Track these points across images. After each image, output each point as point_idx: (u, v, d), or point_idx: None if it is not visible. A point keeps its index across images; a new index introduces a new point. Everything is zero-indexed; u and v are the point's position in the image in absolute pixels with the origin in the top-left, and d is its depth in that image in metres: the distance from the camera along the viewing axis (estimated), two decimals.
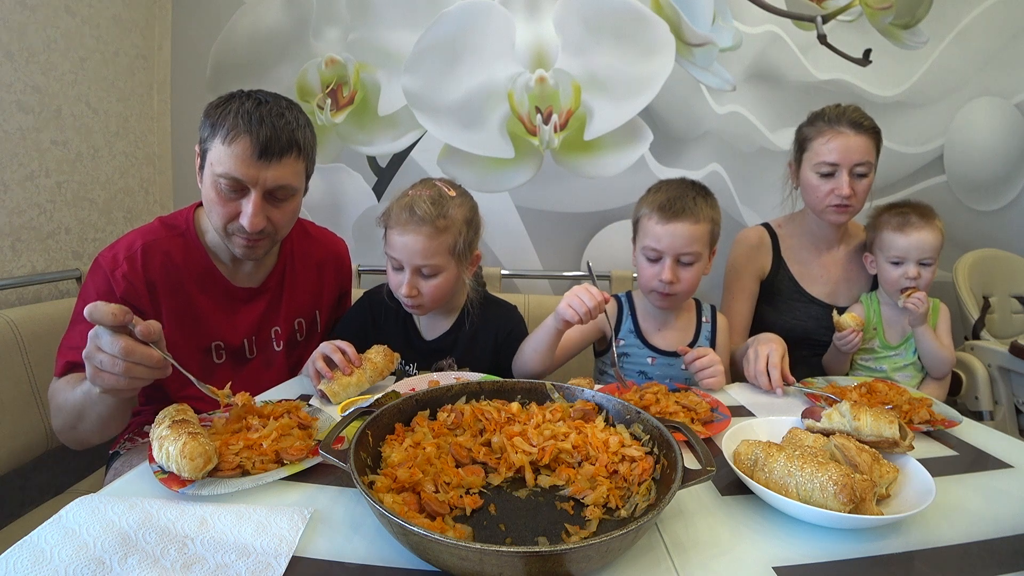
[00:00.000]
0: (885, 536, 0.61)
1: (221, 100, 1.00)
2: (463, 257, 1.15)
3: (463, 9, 1.91)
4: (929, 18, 1.91)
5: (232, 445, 0.72)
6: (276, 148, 0.97)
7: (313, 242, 1.27)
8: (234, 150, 0.95)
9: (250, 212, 0.98)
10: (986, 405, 1.52)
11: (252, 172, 0.97)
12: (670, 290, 1.16)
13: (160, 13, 2.01)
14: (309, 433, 0.79)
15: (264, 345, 1.17)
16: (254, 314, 1.15)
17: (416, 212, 1.08)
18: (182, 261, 1.06)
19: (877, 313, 1.36)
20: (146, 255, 1.03)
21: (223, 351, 1.12)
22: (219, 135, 0.96)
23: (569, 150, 1.97)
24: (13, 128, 1.48)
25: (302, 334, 1.23)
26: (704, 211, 1.15)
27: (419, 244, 1.09)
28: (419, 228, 1.08)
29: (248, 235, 1.01)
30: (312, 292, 1.25)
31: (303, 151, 1.04)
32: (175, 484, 0.65)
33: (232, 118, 0.96)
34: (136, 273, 1.01)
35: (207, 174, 0.99)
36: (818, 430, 0.80)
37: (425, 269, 1.11)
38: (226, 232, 1.03)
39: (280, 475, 0.69)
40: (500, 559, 0.49)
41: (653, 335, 1.27)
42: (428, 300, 1.14)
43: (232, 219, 1.00)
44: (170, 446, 0.67)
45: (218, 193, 0.99)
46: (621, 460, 0.69)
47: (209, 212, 1.02)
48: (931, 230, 1.28)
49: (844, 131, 1.29)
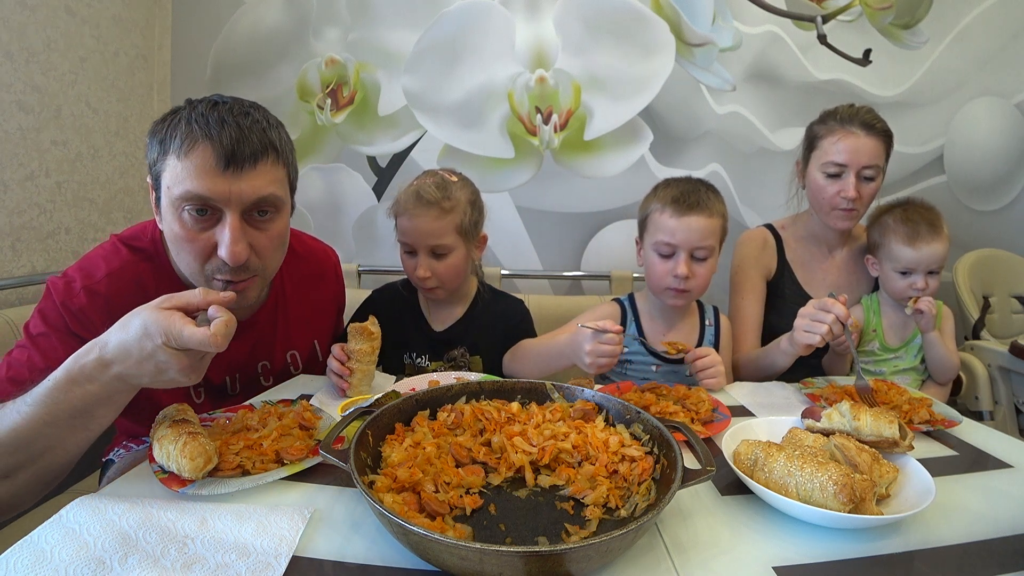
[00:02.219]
0: (885, 536, 0.61)
1: (167, 114, 0.82)
2: (470, 236, 1.20)
3: (463, 9, 1.91)
4: (929, 18, 1.91)
5: (232, 445, 0.72)
6: (247, 152, 0.79)
7: (304, 263, 1.12)
8: (193, 162, 0.77)
9: (228, 240, 0.79)
10: (986, 405, 1.52)
11: (222, 187, 0.78)
12: (685, 286, 1.14)
13: (160, 13, 2.01)
14: (310, 433, 0.79)
15: (249, 382, 1.03)
16: (240, 351, 0.98)
17: (423, 196, 1.14)
18: (154, 289, 0.87)
19: (877, 315, 1.36)
20: (111, 286, 0.87)
21: (202, 391, 0.98)
22: (171, 150, 0.78)
23: (569, 150, 1.97)
24: (13, 128, 1.49)
25: (296, 367, 1.10)
26: (716, 205, 1.15)
27: (428, 224, 1.15)
28: (427, 210, 1.14)
29: (232, 275, 0.83)
30: (308, 322, 1.12)
31: (281, 154, 0.85)
32: (175, 484, 0.65)
33: (184, 126, 0.78)
34: (97, 308, 0.85)
35: (165, 205, 0.81)
36: (818, 430, 0.80)
37: (437, 249, 1.17)
38: (204, 277, 0.84)
39: (280, 475, 0.69)
40: (500, 559, 0.49)
41: (657, 341, 1.24)
42: (443, 280, 1.19)
43: (207, 257, 0.81)
44: (170, 446, 0.67)
45: (183, 225, 0.80)
46: (621, 460, 0.69)
47: (178, 255, 0.84)
48: (940, 241, 1.26)
49: (855, 131, 1.26)
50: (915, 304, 1.24)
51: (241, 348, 0.98)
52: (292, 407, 0.85)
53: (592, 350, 0.99)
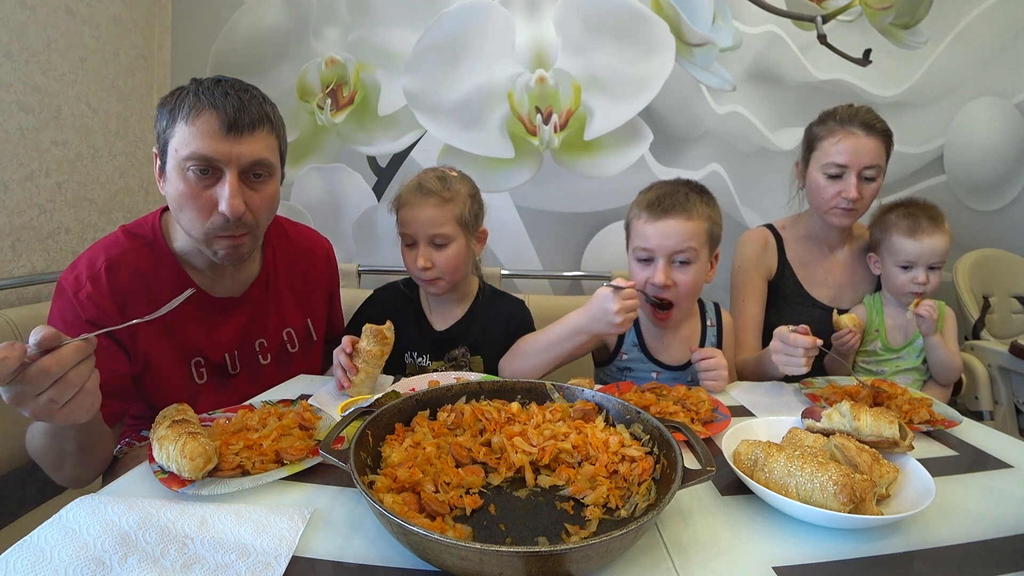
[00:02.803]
0: (885, 536, 0.61)
1: (174, 90, 0.94)
2: (470, 228, 1.21)
3: (463, 9, 1.91)
4: (929, 18, 1.91)
5: (232, 445, 0.72)
6: (246, 120, 0.90)
7: (295, 246, 1.20)
8: (200, 127, 0.88)
9: (227, 194, 0.90)
10: (986, 405, 1.52)
11: (224, 148, 0.89)
12: (667, 295, 1.10)
13: (160, 13, 2.01)
14: (310, 433, 0.79)
15: (249, 360, 1.09)
16: (235, 326, 1.07)
17: (424, 187, 1.18)
18: (152, 272, 0.98)
19: (880, 315, 1.36)
20: (111, 271, 0.94)
21: (204, 369, 1.04)
22: (180, 118, 0.90)
23: (569, 150, 1.97)
24: (13, 128, 1.48)
25: (294, 346, 1.16)
26: (698, 208, 1.09)
27: (428, 214, 1.17)
28: (427, 200, 1.17)
29: (231, 231, 0.93)
30: (300, 301, 1.18)
31: (275, 126, 0.98)
32: (175, 484, 0.65)
33: (192, 97, 0.90)
34: (102, 293, 0.93)
35: (172, 165, 0.91)
36: (818, 430, 0.80)
37: (437, 239, 1.18)
38: (205, 236, 0.94)
39: (280, 475, 0.69)
40: (500, 559, 0.49)
41: (657, 347, 1.22)
42: (444, 271, 1.19)
43: (209, 213, 0.92)
44: (170, 446, 0.67)
45: (187, 183, 0.90)
46: (621, 460, 0.69)
47: (180, 212, 0.93)
48: (941, 234, 1.26)
49: (855, 132, 1.26)
50: (916, 308, 1.24)
51: (237, 323, 1.07)
52: (292, 407, 0.85)
53: (622, 307, 1.01)
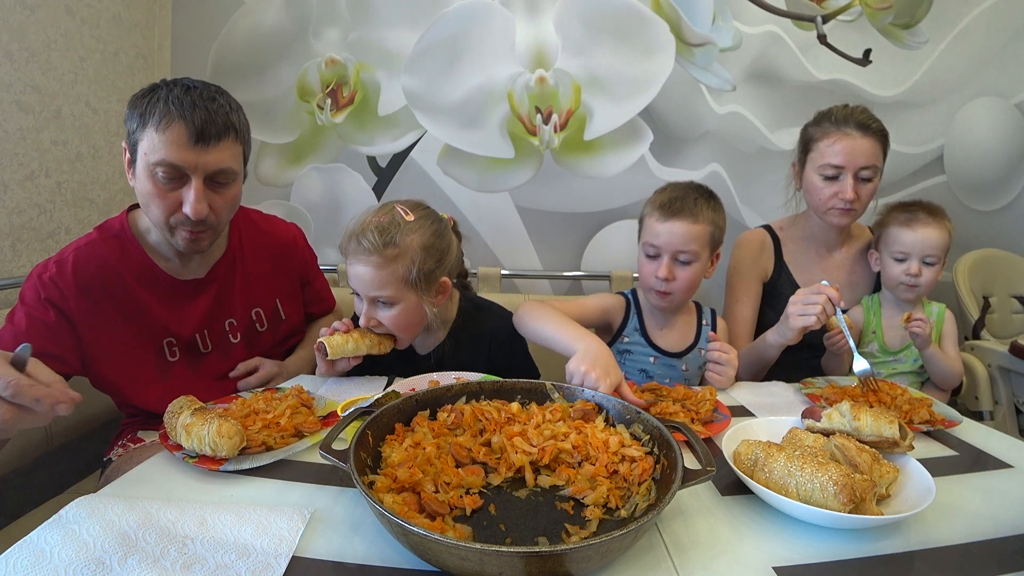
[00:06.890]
0: (885, 536, 0.61)
1: (145, 91, 0.98)
2: (421, 287, 1.07)
3: (463, 9, 1.91)
4: (929, 18, 1.91)
5: (251, 426, 0.79)
6: (213, 131, 0.96)
7: (264, 234, 1.25)
8: (169, 136, 0.94)
9: (192, 199, 0.96)
10: (986, 405, 1.52)
11: (190, 157, 0.95)
12: (666, 288, 1.17)
13: (160, 13, 2.01)
14: (312, 411, 0.88)
15: (220, 339, 1.15)
16: (203, 305, 1.12)
17: (362, 243, 1.04)
18: (118, 262, 1.04)
19: (877, 316, 1.35)
20: (77, 261, 1.01)
21: (175, 347, 1.10)
22: (151, 124, 0.94)
23: (569, 150, 1.97)
24: (13, 128, 1.48)
25: (262, 324, 1.21)
26: (704, 212, 1.16)
27: (368, 275, 1.04)
28: (367, 258, 1.04)
29: (192, 227, 0.99)
30: (268, 281, 1.22)
31: (240, 134, 1.03)
32: (211, 464, 0.71)
33: (163, 105, 0.94)
34: (64, 278, 0.99)
35: (140, 166, 0.97)
36: (818, 430, 0.80)
37: (380, 299, 1.07)
38: (168, 226, 1.00)
39: (307, 444, 0.78)
40: (500, 559, 0.49)
41: (656, 334, 1.28)
42: (392, 330, 1.09)
43: (173, 211, 0.98)
44: (202, 431, 0.72)
45: (155, 184, 0.96)
46: (621, 460, 0.69)
47: (147, 206, 1.00)
48: (938, 228, 1.27)
49: (850, 133, 1.26)
50: (907, 325, 1.24)
51: (204, 302, 1.13)
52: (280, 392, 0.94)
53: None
